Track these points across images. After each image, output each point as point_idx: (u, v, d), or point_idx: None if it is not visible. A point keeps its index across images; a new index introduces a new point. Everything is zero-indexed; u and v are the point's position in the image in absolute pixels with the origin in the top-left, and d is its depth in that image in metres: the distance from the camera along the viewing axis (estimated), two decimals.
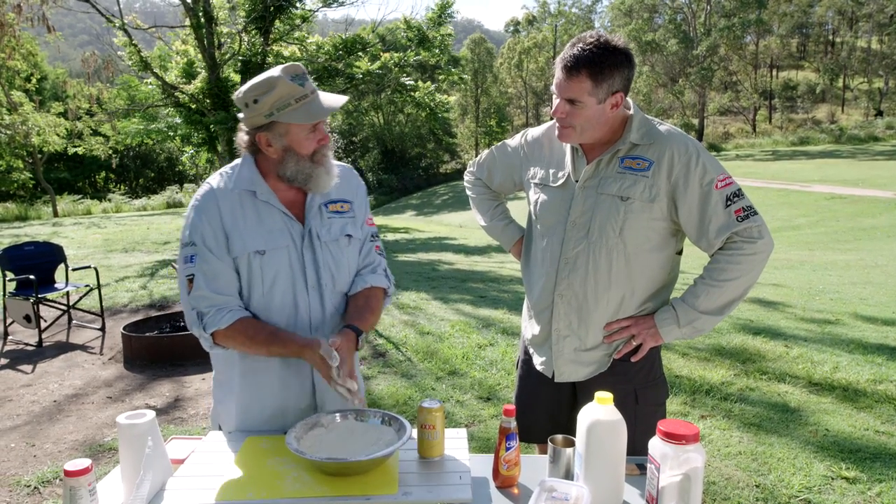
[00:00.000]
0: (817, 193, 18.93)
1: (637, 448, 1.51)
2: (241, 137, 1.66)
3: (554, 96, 1.73)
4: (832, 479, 2.99)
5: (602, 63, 1.63)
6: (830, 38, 49.99)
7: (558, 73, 1.69)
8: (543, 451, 1.87)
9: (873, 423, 3.60)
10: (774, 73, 50.17)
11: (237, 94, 1.59)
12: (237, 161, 1.73)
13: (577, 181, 1.81)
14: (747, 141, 39.50)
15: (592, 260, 1.78)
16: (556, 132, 1.80)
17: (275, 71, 1.55)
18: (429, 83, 14.44)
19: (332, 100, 1.61)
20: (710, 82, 42.56)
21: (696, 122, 43.28)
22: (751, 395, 4.04)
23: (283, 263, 1.64)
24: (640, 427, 1.53)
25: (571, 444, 1.47)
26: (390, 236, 15.98)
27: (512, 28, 55.87)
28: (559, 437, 1.51)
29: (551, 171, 1.89)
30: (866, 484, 2.93)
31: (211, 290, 1.60)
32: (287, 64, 1.58)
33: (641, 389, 1.83)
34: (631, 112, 1.79)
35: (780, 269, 9.53)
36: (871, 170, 22.67)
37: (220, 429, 1.79)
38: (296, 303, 1.67)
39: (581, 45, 1.65)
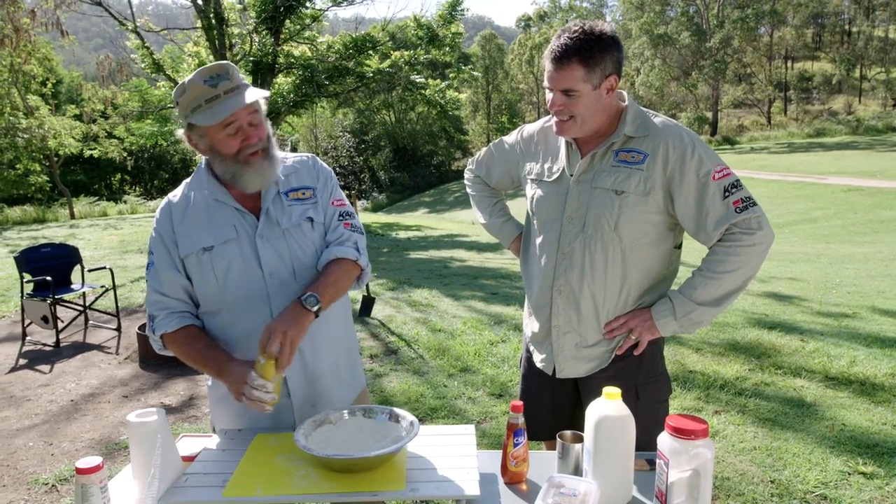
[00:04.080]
0: (834, 185, 18.68)
1: (638, 444, 1.50)
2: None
3: (547, 91, 1.72)
4: (849, 474, 2.96)
5: (591, 49, 1.62)
6: (846, 27, 49.24)
7: (548, 65, 1.68)
8: (551, 448, 1.86)
9: (891, 417, 3.55)
10: (789, 64, 49.55)
11: None
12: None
13: (571, 175, 1.80)
14: (762, 133, 39.07)
15: (588, 254, 1.76)
16: (555, 128, 1.77)
17: (193, 74, 1.56)
18: (438, 81, 14.44)
19: (246, 97, 1.56)
20: (724, 75, 42.10)
21: (709, 115, 42.86)
22: (766, 390, 4.00)
23: (233, 255, 1.64)
24: (641, 424, 1.52)
25: (580, 439, 1.46)
26: (402, 234, 16.01)
27: (523, 24, 55.72)
28: (568, 432, 1.50)
29: (546, 166, 1.88)
30: (884, 479, 2.89)
31: (160, 294, 1.68)
32: (210, 64, 1.56)
33: (643, 386, 1.81)
34: (625, 104, 1.77)
35: (796, 263, 9.42)
36: (889, 161, 22.33)
37: (214, 431, 1.79)
38: (254, 293, 1.65)
39: (567, 35, 1.64)
